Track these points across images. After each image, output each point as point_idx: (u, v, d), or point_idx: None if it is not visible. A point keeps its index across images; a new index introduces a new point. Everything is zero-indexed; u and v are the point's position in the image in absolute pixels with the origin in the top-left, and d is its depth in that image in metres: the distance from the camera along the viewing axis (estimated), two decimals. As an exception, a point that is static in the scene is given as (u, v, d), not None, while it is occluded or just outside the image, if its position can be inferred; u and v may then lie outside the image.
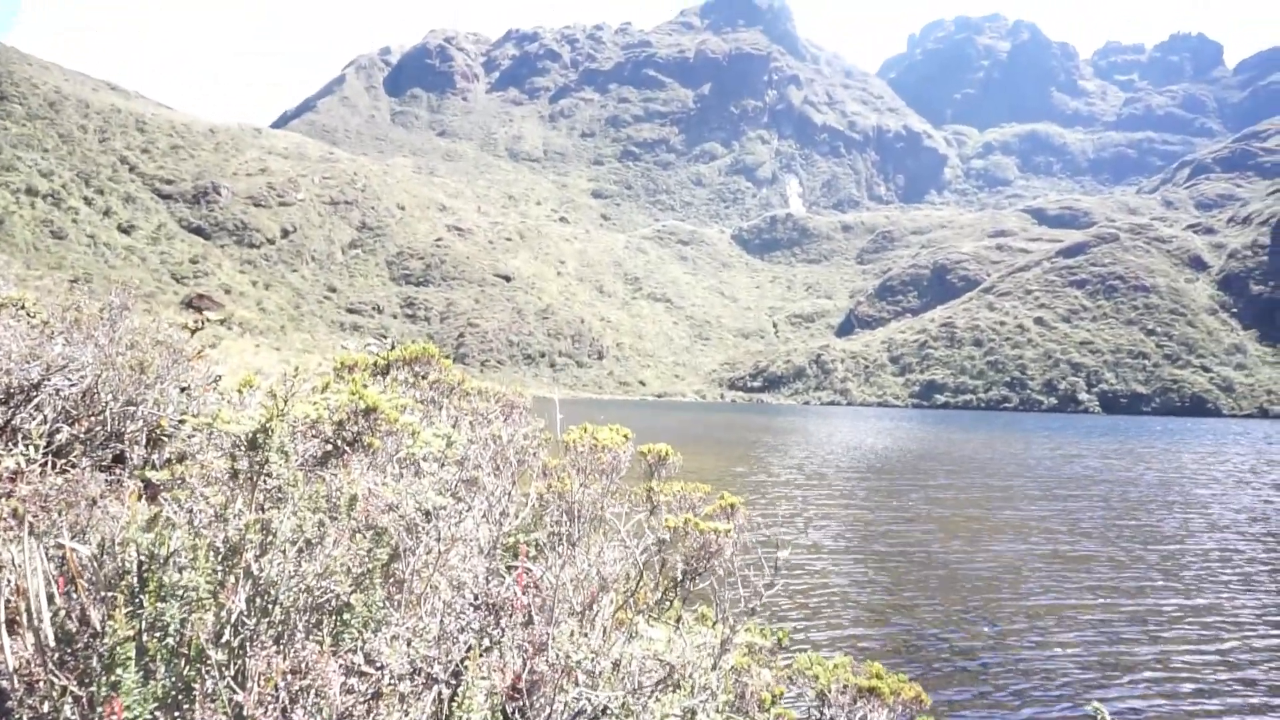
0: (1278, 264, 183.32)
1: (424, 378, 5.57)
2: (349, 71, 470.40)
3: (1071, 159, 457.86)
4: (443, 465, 3.63)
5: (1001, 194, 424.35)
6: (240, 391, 4.63)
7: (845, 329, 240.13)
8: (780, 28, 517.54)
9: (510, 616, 2.94)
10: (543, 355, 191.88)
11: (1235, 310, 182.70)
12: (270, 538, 2.28)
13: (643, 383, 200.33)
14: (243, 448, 2.76)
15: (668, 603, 4.23)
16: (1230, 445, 62.58)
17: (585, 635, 2.95)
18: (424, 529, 2.99)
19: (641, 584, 4.07)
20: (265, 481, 2.73)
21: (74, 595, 2.19)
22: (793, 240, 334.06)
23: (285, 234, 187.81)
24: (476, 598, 2.99)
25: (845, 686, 4.20)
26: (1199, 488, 32.02)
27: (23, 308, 6.66)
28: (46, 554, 2.30)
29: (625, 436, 4.29)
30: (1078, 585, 14.91)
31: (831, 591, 13.51)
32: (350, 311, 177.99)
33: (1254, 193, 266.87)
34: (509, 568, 3.71)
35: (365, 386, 3.36)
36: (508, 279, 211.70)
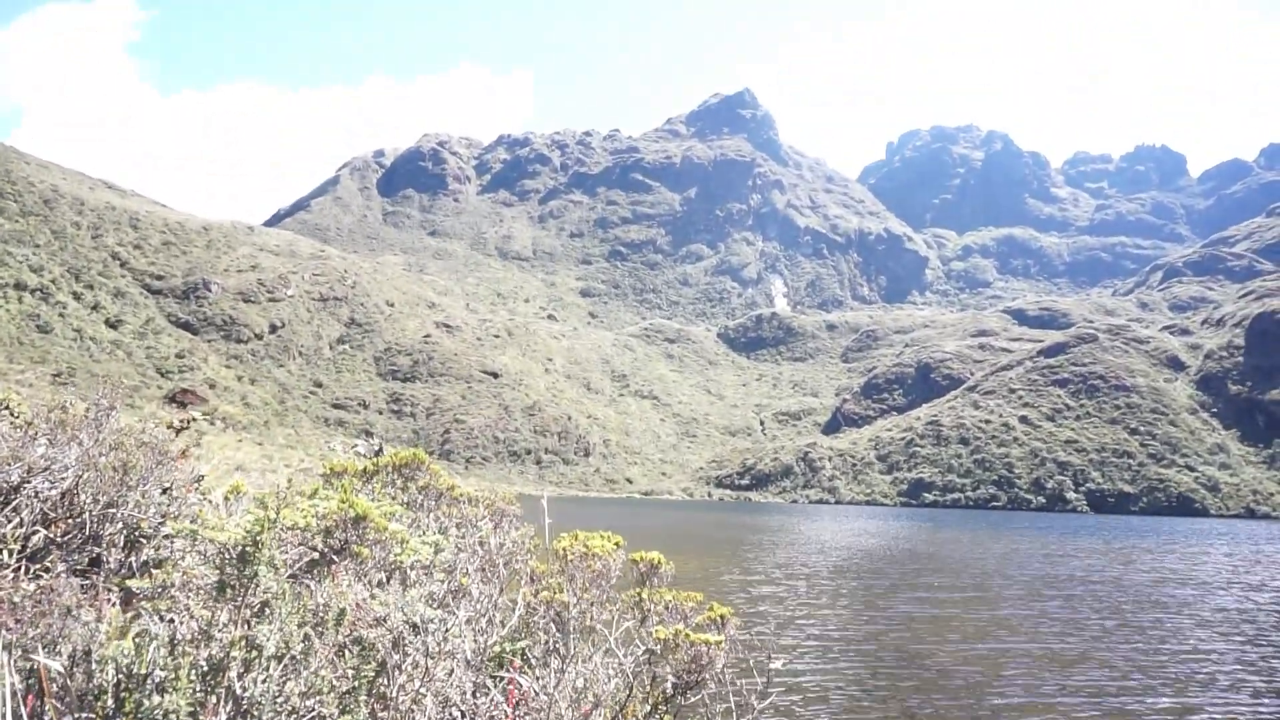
0: (1253, 364, 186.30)
1: (411, 481, 5.52)
2: (343, 173, 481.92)
3: (1048, 261, 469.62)
4: (430, 574, 3.58)
5: (982, 295, 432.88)
6: (227, 498, 4.55)
7: (832, 427, 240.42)
8: (764, 135, 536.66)
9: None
10: (529, 452, 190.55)
11: (1215, 410, 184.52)
12: (255, 655, 2.13)
13: (629, 480, 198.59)
14: (231, 558, 2.60)
15: (657, 718, 4.06)
16: (1214, 546, 62.20)
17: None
18: (411, 642, 2.84)
19: (631, 697, 3.91)
20: (252, 595, 2.58)
21: (44, 714, 2.01)
22: (778, 339, 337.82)
23: (273, 329, 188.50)
24: (464, 715, 2.84)
25: None
26: (1183, 588, 31.65)
27: (7, 408, 6.59)
28: (15, 667, 2.12)
29: (616, 544, 4.21)
30: (1058, 686, 14.60)
31: (824, 701, 13.11)
32: (336, 407, 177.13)
33: (1225, 295, 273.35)
34: (496, 679, 3.65)
35: (355, 493, 3.32)
36: (495, 375, 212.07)
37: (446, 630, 3.09)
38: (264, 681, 2.11)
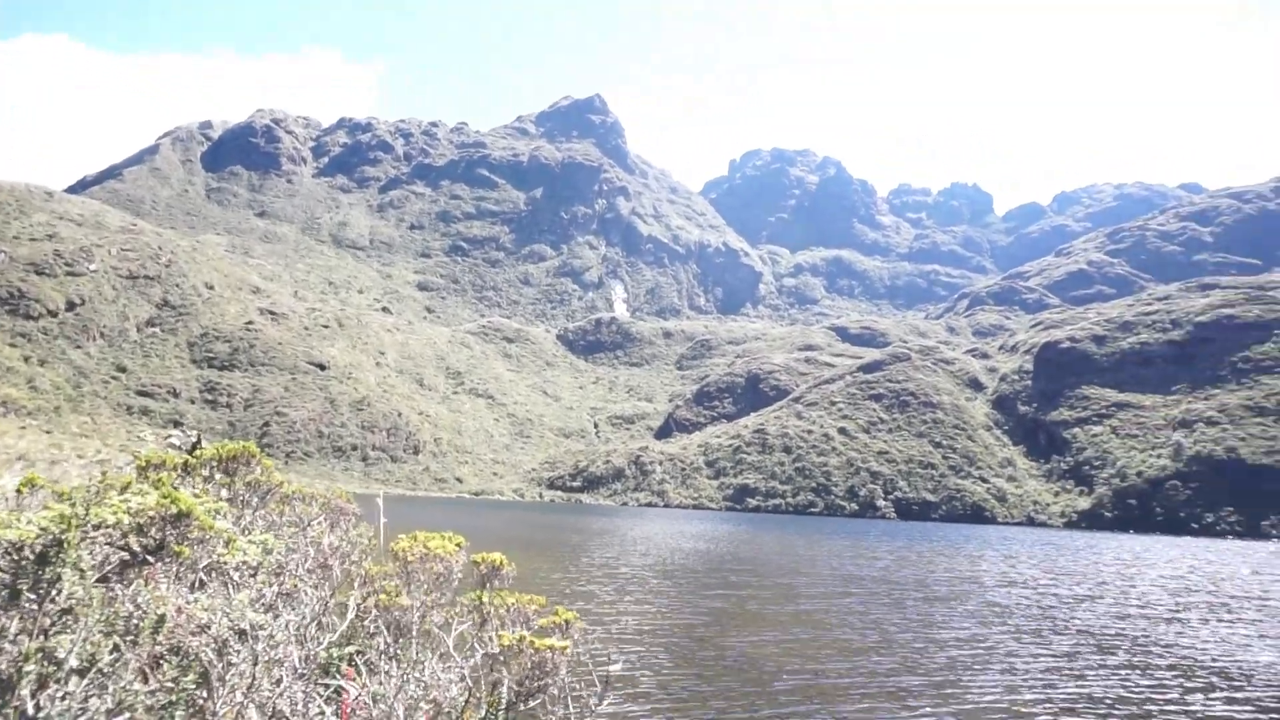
0: (1039, 388, 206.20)
1: (236, 476, 5.17)
2: (164, 142, 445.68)
3: (871, 284, 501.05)
4: (255, 575, 3.49)
5: (810, 311, 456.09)
6: (20, 491, 4.08)
7: (664, 432, 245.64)
8: (612, 142, 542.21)
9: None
10: (355, 448, 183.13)
11: (1006, 428, 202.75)
12: (54, 669, 1.85)
13: (459, 480, 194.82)
14: (24, 559, 2.27)
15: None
16: (994, 550, 68.37)
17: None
18: (237, 650, 2.61)
19: (469, 704, 3.80)
20: (53, 601, 2.25)
21: None
22: (616, 343, 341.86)
23: (71, 307, 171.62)
24: None
25: None
26: (962, 585, 34.65)
27: None
28: None
29: (459, 545, 4.11)
30: (845, 668, 15.66)
31: (668, 705, 13.34)
32: (141, 394, 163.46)
33: (1019, 324, 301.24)
34: (326, 688, 3.47)
35: (175, 488, 3.10)
36: (322, 367, 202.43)
37: (274, 637, 2.87)
38: (63, 699, 1.84)
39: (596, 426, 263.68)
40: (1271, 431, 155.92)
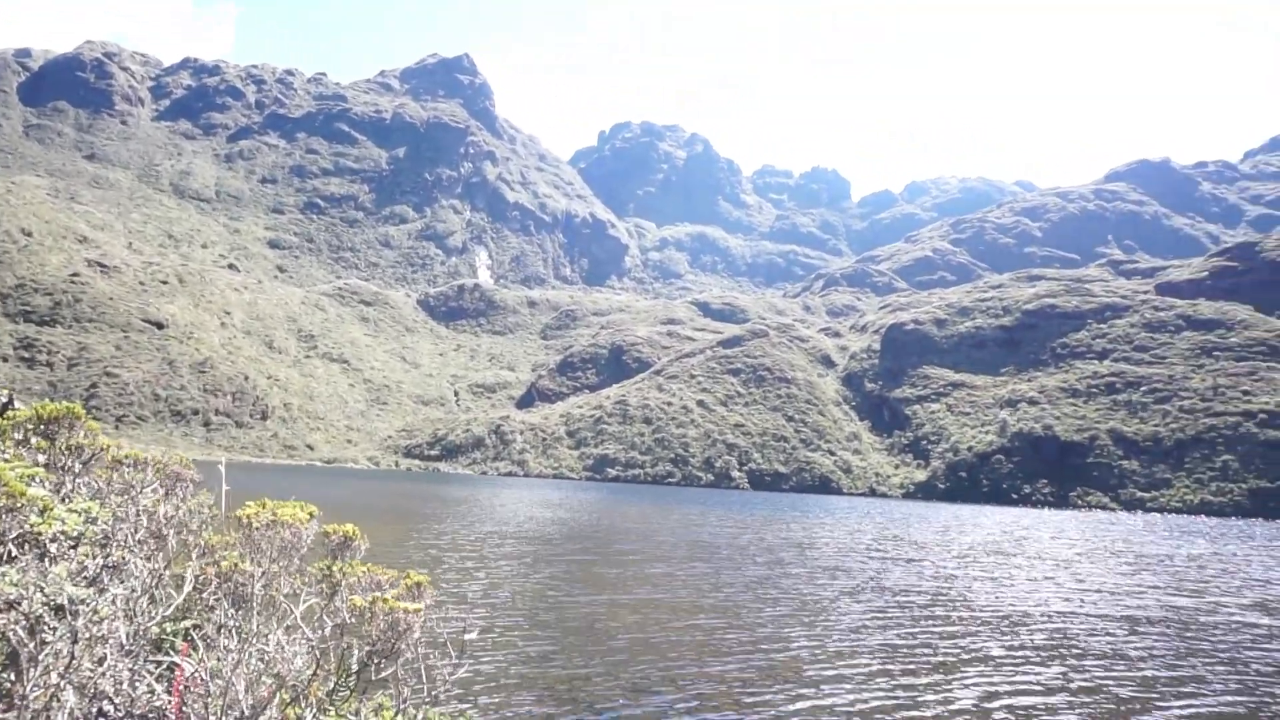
0: (885, 367, 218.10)
1: (53, 440, 4.68)
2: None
3: (733, 261, 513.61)
4: (76, 546, 3.25)
5: (674, 285, 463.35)
6: None
7: (526, 401, 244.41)
8: (479, 104, 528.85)
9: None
10: (196, 413, 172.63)
11: (854, 404, 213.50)
12: None
13: (311, 447, 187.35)
14: None
15: (343, 694, 3.81)
16: (835, 518, 72.24)
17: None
18: (54, 628, 2.40)
19: (316, 674, 3.79)
20: None
21: None
22: (479, 310, 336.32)
23: None
24: (118, 708, 2.42)
25: None
26: (801, 551, 36.52)
27: None
28: None
29: (310, 514, 3.89)
30: (684, 627, 16.32)
31: (520, 671, 13.45)
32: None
33: (869, 306, 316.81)
34: (158, 665, 3.32)
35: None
36: (160, 326, 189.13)
37: (98, 612, 2.66)
38: None
39: (457, 395, 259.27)
40: (1082, 411, 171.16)
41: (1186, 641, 20.04)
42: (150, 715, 2.34)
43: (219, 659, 3.07)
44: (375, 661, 3.85)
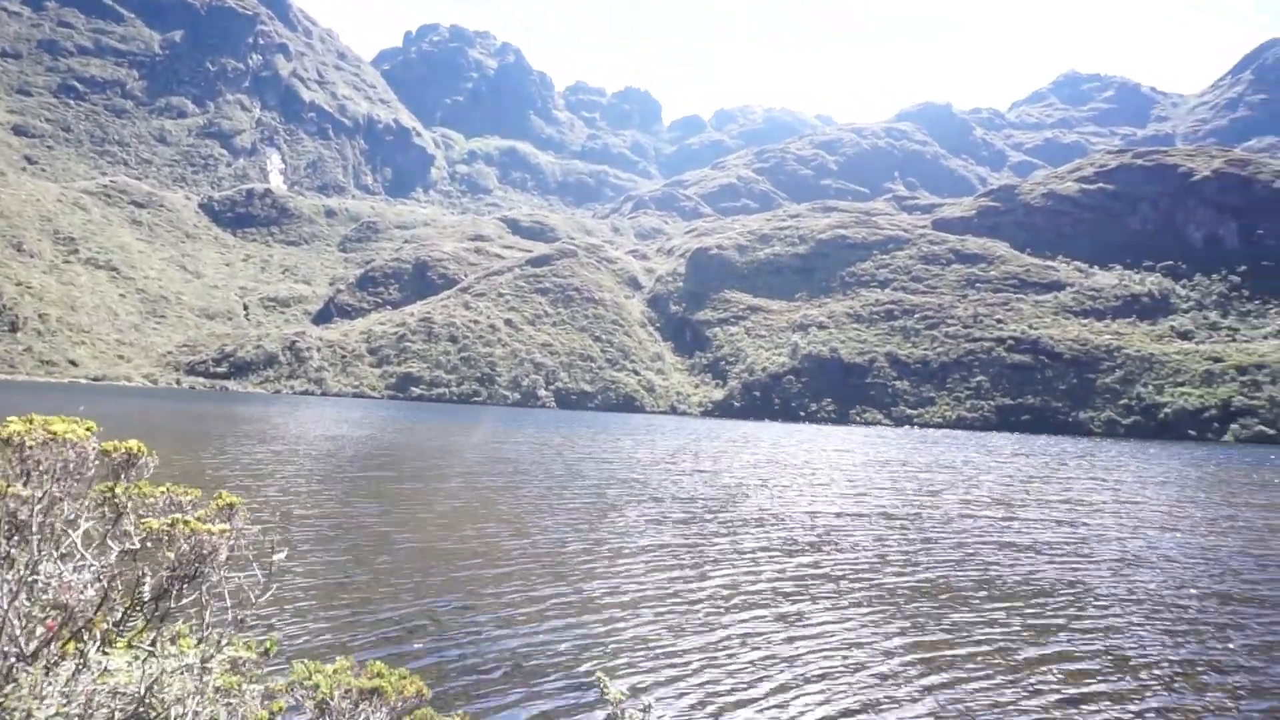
0: (690, 289, 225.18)
1: None
2: None
3: (543, 179, 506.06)
4: None
5: (482, 201, 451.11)
6: None
7: (324, 317, 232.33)
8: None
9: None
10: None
11: (659, 325, 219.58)
12: None
13: (74, 363, 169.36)
14: None
15: (134, 624, 3.39)
16: (640, 434, 75.02)
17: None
18: None
19: (103, 606, 3.58)
20: None
21: None
22: (271, 219, 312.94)
23: None
24: None
25: (348, 690, 3.92)
26: (600, 464, 37.82)
27: None
28: None
29: (89, 429, 3.43)
30: (479, 530, 16.66)
31: (322, 590, 13.22)
32: None
33: (676, 230, 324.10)
34: None
35: None
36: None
37: None
38: None
39: (246, 308, 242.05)
40: (864, 336, 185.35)
41: (921, 532, 22.61)
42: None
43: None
44: (177, 588, 3.66)
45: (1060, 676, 10.92)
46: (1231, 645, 12.85)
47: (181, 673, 2.98)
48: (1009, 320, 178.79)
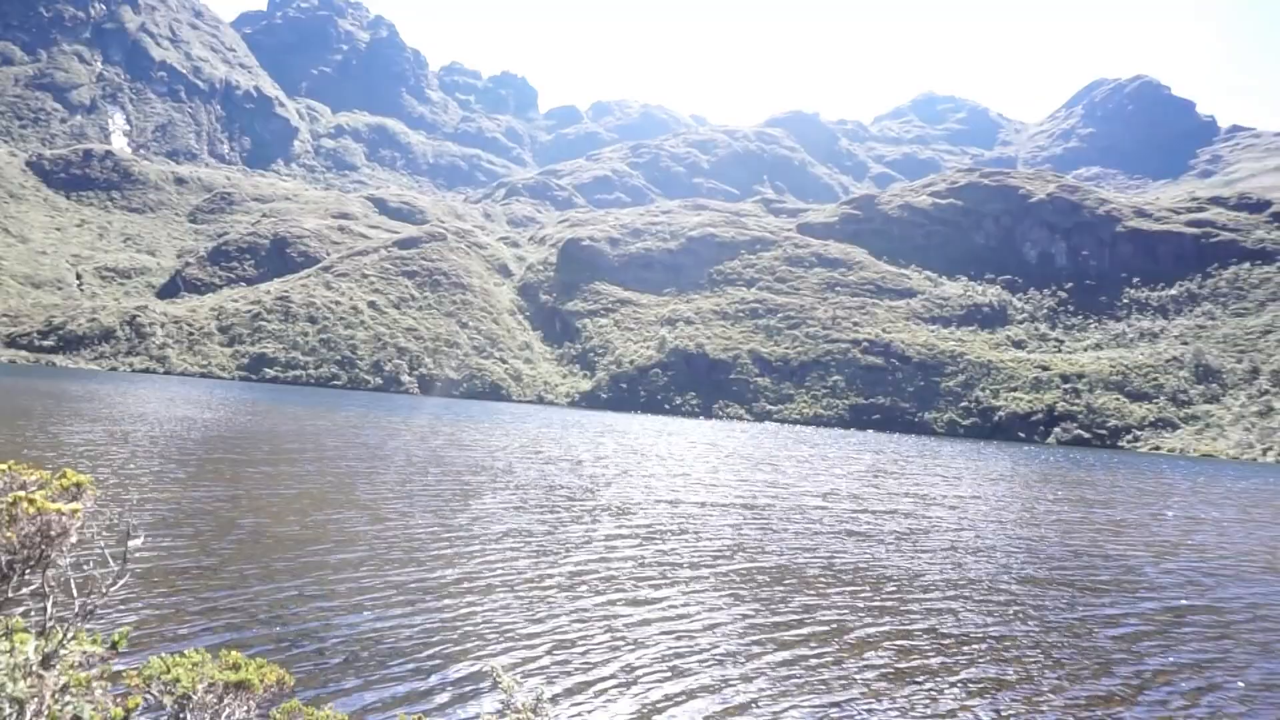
0: (561, 279, 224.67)
1: None
2: None
3: (414, 159, 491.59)
4: None
5: (348, 178, 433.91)
6: None
7: (169, 291, 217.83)
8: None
9: None
10: None
11: (528, 314, 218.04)
12: None
13: None
14: None
15: None
16: (503, 423, 74.61)
17: None
18: None
19: None
20: None
21: None
22: (111, 183, 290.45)
23: None
24: None
25: (212, 684, 3.66)
26: (458, 451, 37.58)
27: None
28: None
29: None
30: (324, 518, 16.43)
31: (165, 578, 12.67)
32: None
33: (549, 219, 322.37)
34: None
35: None
36: None
37: None
38: None
39: (80, 278, 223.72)
40: (729, 333, 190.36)
41: (773, 521, 23.75)
42: None
43: None
44: (20, 572, 3.35)
45: (892, 652, 11.86)
46: (1044, 623, 14.25)
47: (16, 672, 2.69)
48: (865, 324, 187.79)
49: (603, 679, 9.85)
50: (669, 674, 10.17)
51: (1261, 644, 13.99)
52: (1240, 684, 11.74)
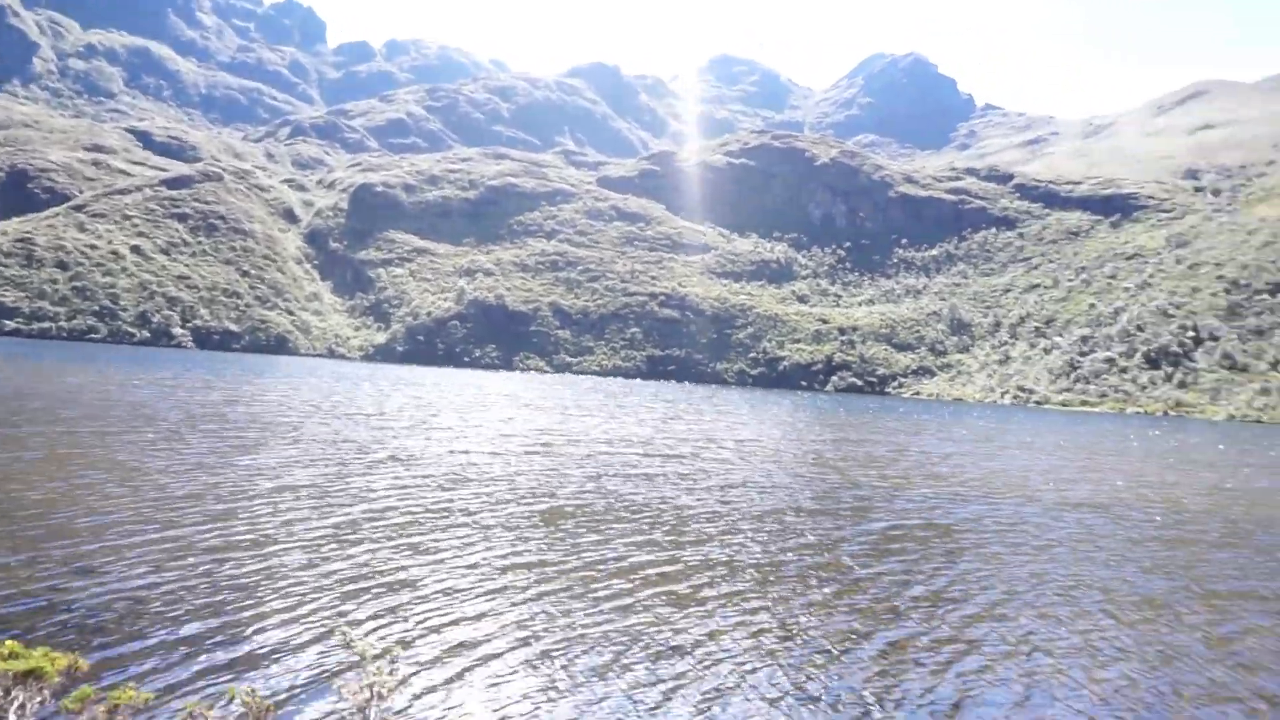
0: (353, 226, 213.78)
1: None
2: None
3: (183, 89, 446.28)
4: None
5: (103, 106, 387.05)
6: None
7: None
8: None
9: None
10: None
11: (317, 263, 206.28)
12: None
13: None
14: None
15: None
16: (287, 378, 71.22)
17: None
18: None
19: None
20: None
21: None
22: None
23: None
24: None
25: (2, 675, 3.51)
26: (243, 408, 35.94)
27: None
28: None
29: None
30: (69, 484, 15.63)
31: None
32: None
33: (339, 162, 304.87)
34: None
35: None
36: None
37: None
38: None
39: None
40: (529, 285, 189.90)
41: (560, 466, 24.70)
42: None
43: None
44: None
45: (669, 579, 12.95)
46: (801, 543, 15.95)
47: None
48: (662, 278, 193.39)
49: (365, 618, 10.12)
50: (455, 616, 10.58)
51: (972, 546, 16.48)
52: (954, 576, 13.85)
